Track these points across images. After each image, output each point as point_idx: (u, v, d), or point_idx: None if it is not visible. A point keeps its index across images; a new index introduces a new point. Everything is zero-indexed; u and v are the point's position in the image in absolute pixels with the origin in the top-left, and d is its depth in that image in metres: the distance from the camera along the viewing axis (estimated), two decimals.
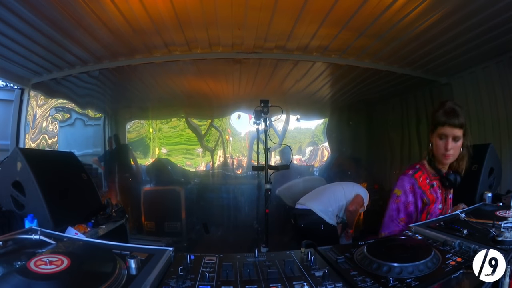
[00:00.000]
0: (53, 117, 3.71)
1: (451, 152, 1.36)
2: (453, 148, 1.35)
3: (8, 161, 1.67)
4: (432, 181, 1.43)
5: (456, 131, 1.33)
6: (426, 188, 1.42)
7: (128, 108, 4.00)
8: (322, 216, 2.61)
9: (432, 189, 1.42)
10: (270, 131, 3.46)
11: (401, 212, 1.43)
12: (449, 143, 1.34)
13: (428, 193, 1.41)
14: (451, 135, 1.33)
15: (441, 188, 1.44)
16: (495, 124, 2.96)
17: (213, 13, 2.23)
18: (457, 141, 1.35)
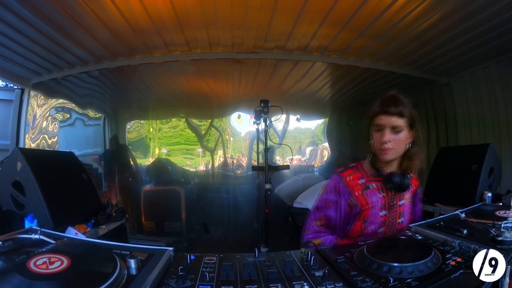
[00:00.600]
0: (53, 117, 3.71)
1: (389, 145, 1.14)
2: (392, 141, 1.14)
3: (8, 161, 1.67)
4: (369, 182, 1.23)
5: (394, 120, 1.13)
6: (355, 188, 1.22)
7: (128, 108, 3.99)
8: None
9: (368, 191, 1.22)
10: (270, 131, 3.46)
11: (319, 211, 1.28)
12: (385, 134, 1.14)
13: (357, 194, 1.21)
14: (388, 125, 1.14)
15: (384, 191, 1.22)
16: (495, 124, 2.96)
17: (213, 13, 2.23)
18: (397, 132, 1.14)
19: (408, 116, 1.15)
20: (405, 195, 1.25)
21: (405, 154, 1.21)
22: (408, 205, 1.26)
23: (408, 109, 1.15)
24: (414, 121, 1.18)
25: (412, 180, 1.26)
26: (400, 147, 1.17)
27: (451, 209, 2.00)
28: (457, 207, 1.62)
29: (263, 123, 3.05)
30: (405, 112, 1.14)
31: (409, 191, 1.27)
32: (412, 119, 1.17)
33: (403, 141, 1.17)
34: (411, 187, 1.26)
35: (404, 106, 1.14)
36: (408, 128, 1.17)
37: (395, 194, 1.23)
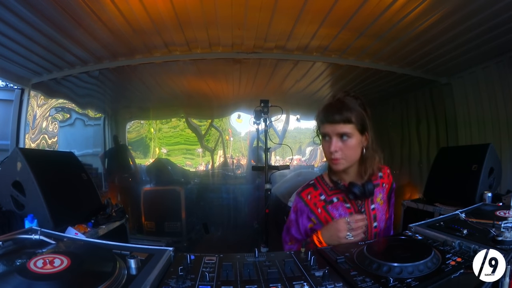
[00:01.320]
0: (53, 117, 3.71)
1: (338, 155, 1.08)
2: (341, 150, 1.08)
3: (8, 161, 1.67)
4: (331, 197, 1.17)
5: (339, 127, 1.07)
6: (317, 206, 1.18)
7: (128, 108, 4.00)
8: None
9: (331, 205, 1.16)
10: (270, 131, 3.47)
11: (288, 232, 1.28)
12: (332, 143, 1.07)
13: (319, 211, 1.17)
14: (334, 133, 1.08)
15: (348, 201, 1.16)
16: (495, 124, 2.96)
17: (213, 13, 2.24)
18: (345, 139, 1.08)
19: (356, 120, 1.08)
20: (376, 198, 1.18)
21: (361, 159, 1.14)
22: (381, 206, 1.20)
23: (356, 113, 1.08)
24: (365, 124, 1.10)
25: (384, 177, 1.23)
26: (352, 155, 1.11)
27: (451, 209, 2.00)
28: (457, 207, 1.62)
29: (263, 123, 3.05)
30: (351, 117, 1.07)
31: (381, 191, 1.21)
32: (361, 122, 1.10)
33: (354, 147, 1.10)
34: (383, 186, 1.22)
35: (350, 111, 1.07)
36: (359, 132, 1.10)
37: (363, 201, 1.17)
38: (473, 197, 2.10)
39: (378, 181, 1.21)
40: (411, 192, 3.83)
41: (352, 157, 1.11)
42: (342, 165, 1.11)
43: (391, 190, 1.26)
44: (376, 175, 1.21)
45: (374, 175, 1.18)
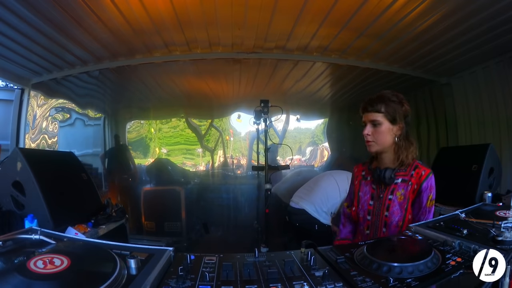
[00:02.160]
0: (53, 117, 3.71)
1: (370, 138, 1.30)
2: (372, 134, 1.29)
3: (8, 161, 1.67)
4: (367, 175, 1.41)
5: (372, 115, 1.29)
6: (357, 178, 1.45)
7: (128, 108, 4.00)
8: (316, 216, 2.59)
9: (364, 181, 1.41)
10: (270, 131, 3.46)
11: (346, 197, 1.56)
12: (366, 128, 1.30)
13: (356, 183, 1.44)
14: (368, 120, 1.30)
15: (375, 183, 1.36)
16: (495, 124, 2.96)
17: (213, 13, 2.24)
18: (376, 126, 1.29)
19: (386, 111, 1.27)
20: (396, 191, 1.30)
21: (394, 148, 1.31)
22: (399, 201, 1.29)
23: (388, 105, 1.27)
24: (396, 115, 1.27)
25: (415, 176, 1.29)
26: (381, 140, 1.29)
27: (451, 209, 2.00)
28: (457, 207, 1.61)
29: (263, 123, 3.05)
30: (382, 108, 1.27)
31: (405, 187, 1.29)
32: (392, 114, 1.27)
33: (384, 133, 1.28)
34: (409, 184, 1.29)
35: (382, 103, 1.27)
36: (390, 122, 1.28)
37: (385, 188, 1.32)
38: (473, 197, 2.10)
39: (406, 177, 1.30)
40: None
41: (382, 141, 1.29)
42: (373, 147, 1.31)
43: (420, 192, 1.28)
44: (408, 171, 1.30)
45: (406, 170, 1.30)
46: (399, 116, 1.28)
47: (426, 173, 1.29)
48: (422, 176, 1.29)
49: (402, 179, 1.30)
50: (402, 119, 1.30)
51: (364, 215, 1.35)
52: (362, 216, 1.36)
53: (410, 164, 1.31)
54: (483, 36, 2.40)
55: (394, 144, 1.30)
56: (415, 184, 1.29)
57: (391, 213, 1.28)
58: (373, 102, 1.29)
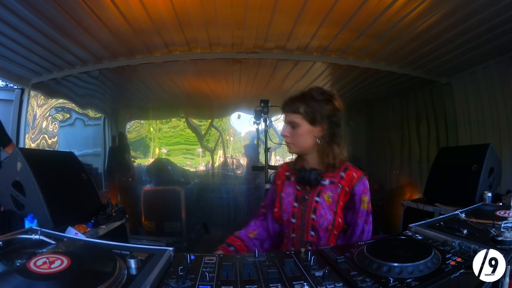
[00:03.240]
0: (53, 117, 3.71)
1: (288, 140, 1.23)
2: (291, 135, 1.22)
3: (8, 161, 1.67)
4: (291, 175, 1.31)
5: (289, 116, 1.22)
6: (280, 178, 1.34)
7: (128, 108, 4.00)
8: None
9: (287, 182, 1.31)
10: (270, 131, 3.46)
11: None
12: (284, 129, 1.24)
13: (277, 182, 1.34)
14: (287, 122, 1.24)
15: (299, 184, 1.26)
16: (495, 124, 2.96)
17: (213, 13, 2.24)
18: (294, 127, 1.21)
19: (305, 111, 1.19)
20: (323, 193, 1.21)
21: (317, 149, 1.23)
22: (327, 204, 1.20)
23: (310, 105, 1.19)
24: (316, 116, 1.19)
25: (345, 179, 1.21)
26: (300, 142, 1.21)
27: (451, 209, 2.00)
28: (457, 207, 1.62)
29: (263, 123, 3.05)
30: (301, 108, 1.19)
31: (333, 190, 1.21)
32: (312, 114, 1.19)
33: (302, 135, 1.20)
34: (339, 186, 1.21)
35: (302, 102, 1.19)
36: (309, 123, 1.19)
37: (311, 189, 1.23)
38: (473, 197, 2.10)
39: (335, 179, 1.22)
40: (411, 192, 3.83)
41: (300, 144, 1.22)
42: (292, 149, 1.24)
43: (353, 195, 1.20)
44: (337, 172, 1.23)
45: (335, 171, 1.22)
46: (320, 116, 1.19)
47: (358, 175, 1.22)
48: (354, 178, 1.21)
49: (330, 180, 1.22)
50: (325, 120, 1.19)
51: (289, 217, 1.24)
52: (286, 219, 1.25)
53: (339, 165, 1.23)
54: (483, 36, 2.40)
55: (317, 146, 1.22)
56: (346, 187, 1.20)
57: (318, 217, 1.19)
58: (292, 102, 1.22)
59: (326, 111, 1.20)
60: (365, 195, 1.21)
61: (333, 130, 1.21)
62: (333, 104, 1.21)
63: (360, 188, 1.20)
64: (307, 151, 1.24)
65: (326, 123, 1.20)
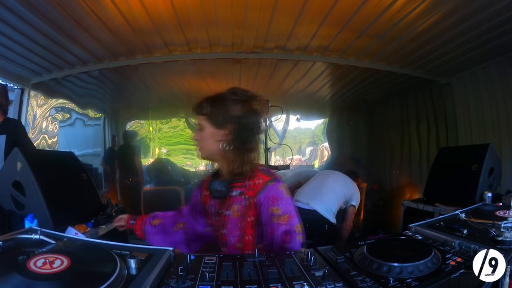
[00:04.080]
0: (53, 117, 3.71)
1: (196, 144, 1.14)
2: (198, 139, 1.12)
3: (8, 161, 1.67)
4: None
5: (197, 118, 1.13)
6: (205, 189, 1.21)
7: (128, 108, 4.00)
8: (327, 216, 2.58)
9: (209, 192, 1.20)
10: (270, 131, 3.46)
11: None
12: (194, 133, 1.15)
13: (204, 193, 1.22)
14: (196, 124, 1.15)
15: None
16: (495, 124, 2.96)
17: (213, 13, 2.24)
18: (201, 130, 1.12)
19: (209, 113, 1.09)
20: (232, 206, 1.07)
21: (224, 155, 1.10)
22: (234, 218, 1.06)
23: (216, 106, 1.09)
24: (220, 118, 1.08)
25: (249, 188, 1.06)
26: (204, 146, 1.12)
27: (451, 209, 2.00)
28: (457, 207, 1.62)
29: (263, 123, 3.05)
30: (204, 109, 1.10)
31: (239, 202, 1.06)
32: (217, 116, 1.08)
33: (206, 139, 1.11)
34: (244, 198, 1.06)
35: (207, 103, 1.10)
36: (213, 126, 1.09)
37: (222, 201, 1.11)
38: (473, 197, 2.09)
39: (240, 189, 1.07)
40: (411, 192, 3.83)
41: (205, 149, 1.12)
42: (200, 153, 1.14)
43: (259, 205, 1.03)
44: (244, 182, 1.07)
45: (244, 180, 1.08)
46: (225, 118, 1.07)
47: (263, 181, 1.04)
48: (257, 185, 1.04)
49: (239, 191, 1.07)
50: (232, 122, 1.07)
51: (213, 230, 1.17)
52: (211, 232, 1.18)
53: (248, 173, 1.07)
54: (483, 36, 2.40)
55: (224, 152, 1.09)
56: (252, 198, 1.04)
57: (228, 232, 1.07)
58: (201, 103, 1.12)
59: (234, 112, 1.08)
60: (275, 206, 1.01)
61: (242, 134, 1.08)
62: (246, 106, 1.09)
63: (264, 197, 1.02)
64: (214, 157, 1.14)
65: (233, 126, 1.08)
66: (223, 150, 1.09)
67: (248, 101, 1.10)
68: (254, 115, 1.11)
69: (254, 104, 1.11)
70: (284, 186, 1.07)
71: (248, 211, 1.05)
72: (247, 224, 1.05)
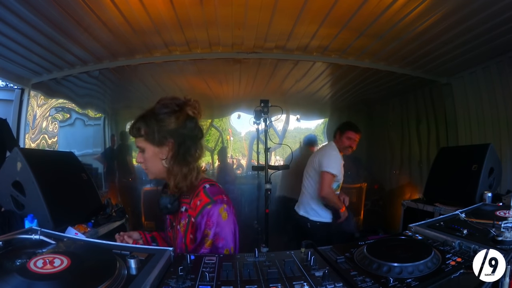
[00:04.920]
0: (53, 117, 3.71)
1: (143, 166, 1.10)
2: (141, 161, 1.09)
3: (8, 161, 1.67)
4: None
5: (136, 141, 1.08)
6: None
7: (128, 108, 3.99)
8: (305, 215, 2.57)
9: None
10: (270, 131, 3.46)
11: None
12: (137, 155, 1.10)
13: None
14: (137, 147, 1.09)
15: None
16: (495, 124, 2.96)
17: (213, 13, 2.24)
18: (142, 152, 1.07)
19: (145, 133, 1.04)
20: (180, 221, 1.08)
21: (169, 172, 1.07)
22: (182, 233, 1.06)
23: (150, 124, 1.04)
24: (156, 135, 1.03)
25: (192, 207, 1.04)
26: (151, 167, 1.08)
27: (451, 209, 2.00)
28: (457, 207, 1.62)
29: (263, 123, 3.05)
30: (142, 130, 1.05)
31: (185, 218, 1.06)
32: (154, 134, 1.03)
33: (150, 160, 1.07)
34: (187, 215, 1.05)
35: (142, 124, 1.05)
36: (153, 145, 1.05)
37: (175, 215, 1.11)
38: (473, 197, 2.10)
39: (186, 206, 1.07)
40: (411, 192, 3.83)
41: (151, 170, 1.10)
42: (148, 176, 1.12)
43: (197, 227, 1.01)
44: (189, 199, 1.07)
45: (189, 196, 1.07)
46: (163, 135, 1.03)
47: (201, 204, 1.01)
48: (198, 206, 1.01)
49: (185, 207, 1.07)
50: (171, 136, 1.04)
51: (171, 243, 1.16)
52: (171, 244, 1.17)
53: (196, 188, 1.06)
54: (483, 36, 2.40)
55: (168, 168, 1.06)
56: (192, 217, 1.03)
57: (177, 245, 1.08)
58: (135, 124, 1.06)
59: (170, 126, 1.04)
60: (207, 229, 0.99)
61: (185, 145, 1.05)
62: (181, 114, 1.04)
63: (202, 220, 1.00)
64: (162, 175, 1.10)
65: (173, 139, 1.04)
66: (168, 167, 1.06)
67: (181, 109, 1.05)
68: (190, 121, 1.07)
69: (187, 109, 1.06)
70: (223, 208, 1.01)
71: (190, 228, 1.04)
72: (188, 240, 1.04)
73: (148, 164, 1.08)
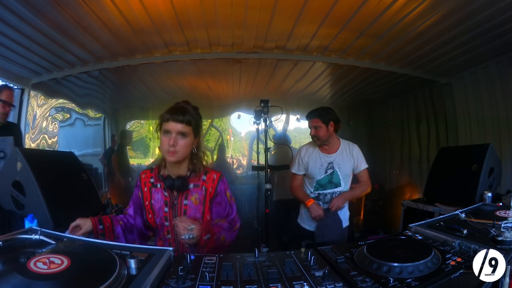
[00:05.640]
0: (53, 117, 3.71)
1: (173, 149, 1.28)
2: (178, 145, 1.28)
3: (8, 161, 1.67)
4: (157, 182, 1.40)
5: (181, 127, 1.27)
6: (146, 185, 1.41)
7: (128, 108, 3.99)
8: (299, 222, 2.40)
9: (154, 188, 1.39)
10: (270, 131, 3.46)
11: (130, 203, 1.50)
12: (172, 138, 1.27)
13: (144, 190, 1.41)
14: (175, 131, 1.27)
15: (167, 191, 1.36)
16: (495, 124, 2.96)
17: (213, 13, 2.24)
18: (183, 137, 1.29)
19: (193, 124, 1.31)
20: (190, 196, 1.35)
21: (191, 157, 1.37)
22: (195, 206, 1.35)
23: (195, 119, 1.32)
24: (198, 129, 1.35)
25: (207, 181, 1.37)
26: (184, 152, 1.31)
27: (451, 209, 2.00)
28: (457, 207, 1.62)
29: (263, 123, 3.05)
30: (191, 120, 1.30)
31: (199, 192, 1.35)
32: (197, 127, 1.34)
33: (188, 146, 1.31)
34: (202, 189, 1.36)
35: (191, 116, 1.30)
36: (193, 135, 1.33)
37: (178, 194, 1.35)
38: (473, 197, 2.09)
39: (198, 182, 1.37)
40: (411, 192, 3.83)
41: (184, 153, 1.31)
42: (176, 158, 1.29)
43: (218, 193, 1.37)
44: (200, 176, 1.38)
45: (197, 176, 1.37)
46: (198, 128, 1.36)
47: (217, 176, 1.39)
48: (215, 180, 1.38)
49: (194, 184, 1.36)
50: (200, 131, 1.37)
51: (162, 222, 1.36)
52: (160, 223, 1.36)
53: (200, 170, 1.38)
54: (483, 36, 2.40)
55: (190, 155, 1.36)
56: (210, 188, 1.37)
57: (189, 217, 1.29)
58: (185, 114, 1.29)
59: (200, 122, 1.38)
60: (228, 190, 1.43)
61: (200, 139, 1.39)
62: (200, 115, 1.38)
63: (222, 186, 1.39)
64: (185, 159, 1.35)
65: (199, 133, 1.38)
66: (195, 153, 1.37)
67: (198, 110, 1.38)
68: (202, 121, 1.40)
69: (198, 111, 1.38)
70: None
71: (207, 196, 1.36)
72: (206, 208, 1.36)
73: (184, 148, 1.30)
